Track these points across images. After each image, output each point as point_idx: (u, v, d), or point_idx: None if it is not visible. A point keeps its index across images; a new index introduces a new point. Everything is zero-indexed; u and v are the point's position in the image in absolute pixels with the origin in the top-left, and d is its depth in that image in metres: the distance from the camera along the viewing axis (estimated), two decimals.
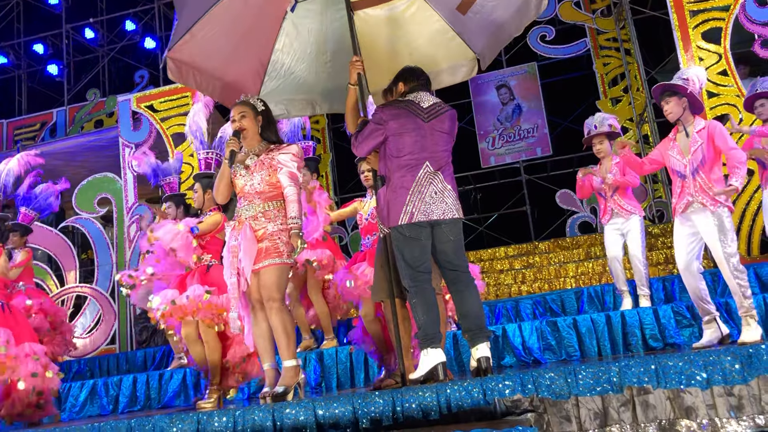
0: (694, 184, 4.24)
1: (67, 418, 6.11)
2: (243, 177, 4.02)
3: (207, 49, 4.34)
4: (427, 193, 3.67)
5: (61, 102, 12.58)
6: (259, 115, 4.10)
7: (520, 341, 5.48)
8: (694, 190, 4.23)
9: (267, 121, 4.13)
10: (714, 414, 2.98)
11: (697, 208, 4.22)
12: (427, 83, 3.94)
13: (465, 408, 3.18)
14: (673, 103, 4.36)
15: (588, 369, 3.13)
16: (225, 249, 4.05)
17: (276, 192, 4.00)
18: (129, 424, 3.57)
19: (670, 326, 5.17)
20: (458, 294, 3.68)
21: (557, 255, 9.12)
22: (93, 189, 8.99)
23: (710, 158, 4.24)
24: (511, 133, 12.30)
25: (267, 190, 3.98)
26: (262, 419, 3.39)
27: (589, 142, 6.04)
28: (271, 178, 3.98)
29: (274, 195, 4.00)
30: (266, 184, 3.98)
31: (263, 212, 3.95)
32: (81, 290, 8.76)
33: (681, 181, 4.32)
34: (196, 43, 4.27)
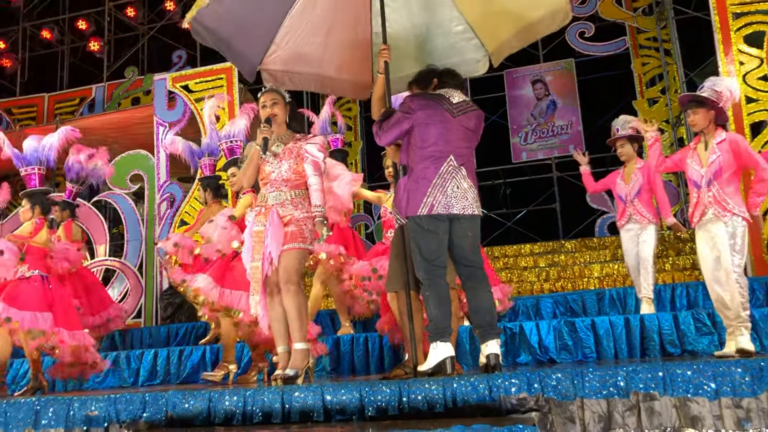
0: (708, 195, 4.24)
1: (90, 386, 6.28)
2: (271, 164, 4.09)
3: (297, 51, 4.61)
4: (449, 186, 3.68)
5: (101, 78, 12.81)
6: (287, 104, 4.20)
7: (536, 340, 5.47)
8: (707, 200, 4.23)
9: (293, 111, 4.25)
10: (721, 425, 2.96)
11: (712, 218, 4.22)
12: (461, 85, 3.95)
13: (470, 403, 3.20)
14: (700, 115, 4.35)
15: (595, 372, 3.13)
16: (246, 233, 4.12)
17: (302, 180, 4.08)
18: (143, 397, 3.66)
19: (690, 333, 5.11)
20: (471, 290, 3.70)
21: (583, 255, 9.05)
22: (126, 165, 9.17)
23: (727, 170, 4.25)
24: (545, 129, 12.21)
25: (294, 178, 4.06)
26: (271, 401, 3.46)
27: (613, 144, 6.00)
28: (298, 166, 4.07)
29: (300, 183, 4.08)
30: (293, 172, 4.06)
31: (290, 199, 4.03)
32: (110, 264, 8.96)
33: (697, 191, 4.33)
34: (285, 51, 4.58)
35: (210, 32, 4.34)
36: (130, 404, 3.65)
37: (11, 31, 13.52)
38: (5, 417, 3.83)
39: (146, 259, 8.76)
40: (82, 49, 13.55)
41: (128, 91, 12.25)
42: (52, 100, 12.61)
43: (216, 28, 4.35)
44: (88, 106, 12.39)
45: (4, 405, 3.88)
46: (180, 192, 8.85)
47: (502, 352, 5.27)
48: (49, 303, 5.22)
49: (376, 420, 3.26)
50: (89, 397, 3.83)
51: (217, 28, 4.35)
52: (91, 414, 3.69)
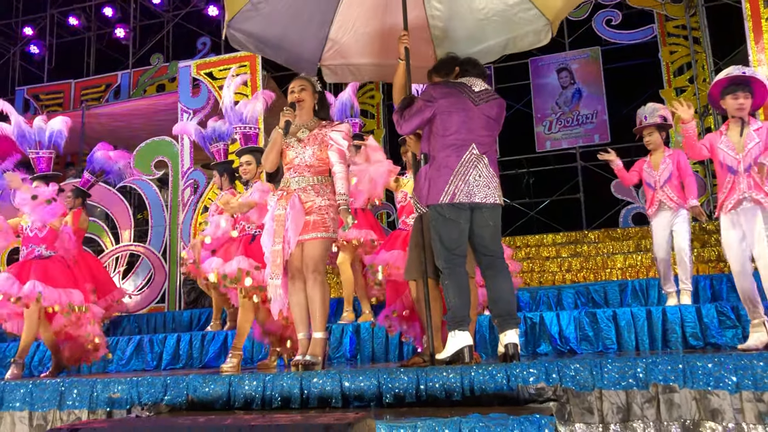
0: (748, 181, 4.14)
1: (114, 369, 6.38)
2: (294, 149, 4.12)
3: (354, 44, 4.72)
4: (471, 175, 3.66)
5: (126, 65, 12.93)
6: (316, 93, 4.23)
7: (557, 330, 5.44)
8: (746, 186, 4.13)
9: (321, 101, 4.28)
10: (741, 419, 2.92)
11: (748, 207, 4.13)
12: (483, 74, 3.92)
13: (488, 392, 3.21)
14: (750, 100, 4.24)
15: (614, 363, 3.11)
16: (268, 217, 4.15)
17: (325, 167, 4.11)
18: (165, 381, 3.72)
19: (713, 326, 5.05)
20: (491, 279, 3.69)
21: (606, 245, 8.96)
22: (151, 152, 9.25)
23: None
24: (570, 117, 12.08)
25: (317, 164, 4.08)
26: (290, 386, 3.49)
27: (640, 132, 5.91)
28: (322, 153, 4.09)
29: (324, 170, 4.11)
30: (317, 158, 4.08)
31: (312, 186, 4.05)
32: (134, 249, 9.07)
33: (732, 177, 4.21)
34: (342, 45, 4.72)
35: (252, 38, 4.42)
36: (151, 387, 3.71)
37: (39, 18, 13.68)
38: (32, 397, 3.92)
39: (170, 245, 8.85)
40: (108, 35, 13.68)
41: (153, 78, 12.35)
42: (79, 86, 12.75)
43: (260, 32, 4.42)
44: (114, 92, 12.51)
45: (31, 386, 3.96)
46: (204, 178, 8.91)
47: (522, 342, 5.31)
48: (75, 281, 5.36)
49: (394, 407, 3.28)
50: (112, 379, 3.90)
51: (261, 32, 4.42)
52: (114, 396, 3.76)
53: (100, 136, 11.57)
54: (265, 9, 4.27)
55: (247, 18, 4.28)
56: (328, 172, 4.11)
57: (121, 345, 6.56)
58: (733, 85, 4.26)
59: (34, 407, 3.91)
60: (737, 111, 4.25)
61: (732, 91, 4.25)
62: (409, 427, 2.72)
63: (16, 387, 3.98)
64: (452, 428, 2.68)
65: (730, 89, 4.26)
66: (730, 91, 4.26)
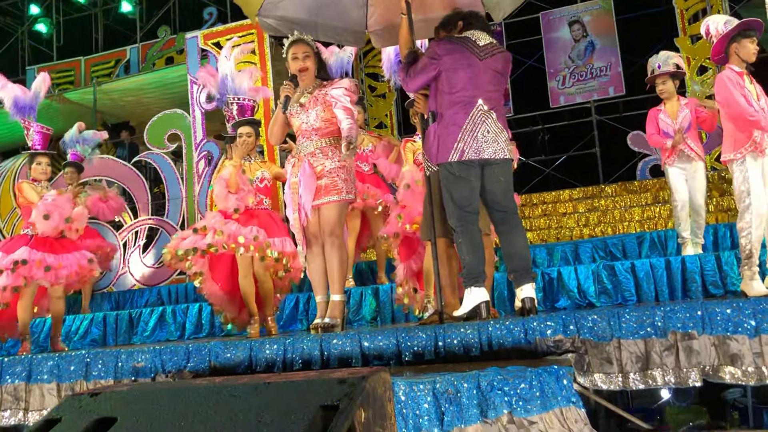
0: None
1: (138, 341, 6.50)
2: (298, 115, 4.09)
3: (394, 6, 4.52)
4: (479, 131, 3.63)
5: (134, 39, 12.88)
6: (315, 55, 4.15)
7: (575, 284, 5.43)
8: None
9: (320, 61, 4.21)
10: (761, 362, 2.92)
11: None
12: (486, 27, 3.86)
13: (506, 346, 3.22)
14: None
15: (632, 312, 3.10)
16: (286, 186, 4.18)
17: (333, 128, 4.06)
18: (187, 348, 3.78)
19: (733, 273, 5.01)
20: (505, 235, 3.68)
21: (624, 199, 8.89)
22: (163, 125, 9.25)
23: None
24: (583, 71, 11.88)
25: (323, 126, 4.05)
26: (310, 348, 3.53)
27: (653, 81, 5.79)
28: (326, 113, 4.04)
29: (331, 131, 4.06)
30: (322, 120, 4.04)
31: (320, 149, 4.03)
32: (153, 222, 9.14)
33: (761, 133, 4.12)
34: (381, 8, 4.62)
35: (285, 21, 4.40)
36: (174, 355, 3.78)
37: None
38: (59, 369, 4.01)
39: (187, 217, 8.91)
40: (114, 10, 13.61)
41: (161, 51, 12.29)
42: (89, 63, 12.74)
43: (292, 15, 4.41)
44: (124, 67, 12.48)
45: (57, 358, 4.05)
46: (217, 150, 8.91)
47: (540, 298, 5.31)
48: None
49: (413, 365, 3.31)
50: (135, 349, 3.98)
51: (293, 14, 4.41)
52: (138, 365, 3.83)
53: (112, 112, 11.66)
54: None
55: (275, 4, 4.27)
56: (337, 133, 4.05)
57: (144, 317, 6.66)
58: (749, 29, 4.16)
59: (61, 379, 4.00)
60: (753, 56, 4.17)
61: (751, 35, 4.15)
62: (428, 382, 2.74)
63: (43, 360, 4.07)
64: (471, 382, 2.70)
65: (748, 32, 4.16)
66: (749, 35, 4.15)
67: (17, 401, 3.98)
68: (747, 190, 4.18)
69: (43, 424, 1.55)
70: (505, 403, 2.66)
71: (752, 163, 4.19)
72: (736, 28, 4.19)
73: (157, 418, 1.47)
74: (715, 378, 2.95)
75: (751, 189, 4.16)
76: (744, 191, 4.21)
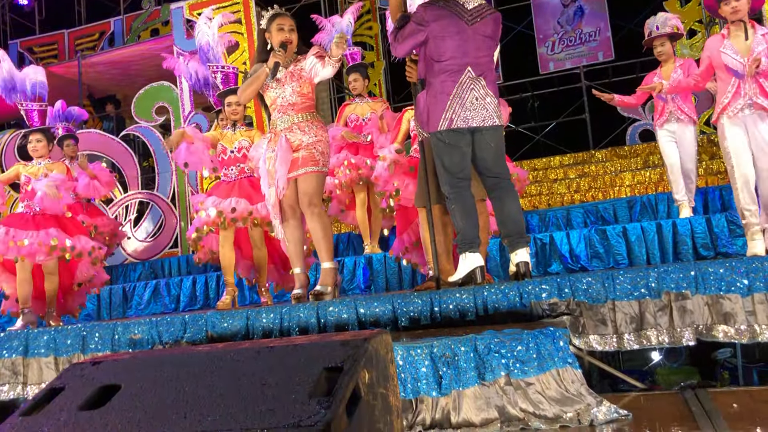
0: (754, 86, 4.04)
1: (133, 314, 6.51)
2: (274, 89, 4.08)
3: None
4: (467, 99, 3.61)
5: (118, 11, 12.66)
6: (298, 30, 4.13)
7: (567, 249, 5.47)
8: (753, 92, 4.03)
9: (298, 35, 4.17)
10: (753, 320, 2.95)
11: (752, 113, 4.03)
12: None
13: (501, 310, 3.25)
14: (744, 1, 4.11)
15: (626, 274, 3.13)
16: (260, 160, 4.16)
17: (309, 103, 4.08)
18: (183, 319, 3.79)
19: (723, 235, 5.07)
20: (498, 200, 3.68)
21: (614, 164, 8.92)
22: (150, 98, 9.15)
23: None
24: (572, 36, 11.82)
25: (300, 101, 4.05)
26: (307, 316, 3.55)
27: (650, 43, 5.75)
28: (302, 88, 4.05)
29: (308, 106, 4.08)
30: (298, 95, 4.05)
31: (297, 124, 4.04)
32: (143, 196, 9.10)
33: (737, 80, 4.10)
34: None
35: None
36: (171, 326, 3.79)
37: None
38: (55, 343, 4.01)
39: (178, 190, 8.87)
40: None
41: (146, 23, 12.10)
42: (72, 36, 12.52)
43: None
44: (108, 40, 12.29)
45: (53, 332, 4.05)
46: (205, 122, 8.84)
47: (533, 263, 5.34)
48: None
49: (409, 330, 3.33)
50: (132, 321, 3.98)
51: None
52: (135, 337, 3.84)
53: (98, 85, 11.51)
54: None
55: None
56: (314, 108, 4.09)
57: (138, 290, 6.67)
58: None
59: (58, 353, 4.00)
60: (732, 15, 4.13)
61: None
62: (425, 346, 2.77)
63: (39, 334, 4.07)
64: (468, 345, 2.73)
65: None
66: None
67: (15, 375, 3.99)
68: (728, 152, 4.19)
69: (46, 393, 1.55)
70: (503, 366, 2.69)
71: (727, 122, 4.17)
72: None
73: (160, 384, 1.47)
74: (708, 337, 2.99)
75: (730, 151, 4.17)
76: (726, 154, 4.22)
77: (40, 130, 5.46)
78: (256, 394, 1.37)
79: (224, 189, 5.07)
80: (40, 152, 5.41)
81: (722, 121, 4.16)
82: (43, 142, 5.40)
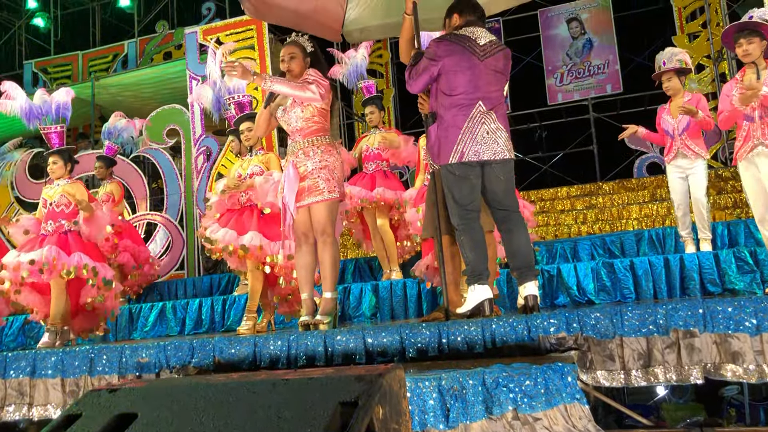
0: (762, 128, 4.09)
1: (139, 336, 6.51)
2: (283, 118, 4.17)
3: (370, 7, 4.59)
4: (478, 132, 3.65)
5: (132, 34, 12.86)
6: (308, 56, 4.18)
7: (574, 281, 5.47)
8: (761, 133, 4.08)
9: (315, 61, 4.20)
10: (762, 360, 2.95)
11: (761, 152, 4.08)
12: (482, 17, 3.87)
13: (509, 343, 3.25)
14: (755, 44, 4.19)
15: (634, 310, 3.13)
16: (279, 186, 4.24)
17: (315, 126, 4.11)
18: (191, 344, 3.80)
19: (731, 271, 5.06)
20: (507, 233, 3.71)
21: (621, 196, 8.94)
22: (162, 120, 9.25)
23: None
24: (581, 69, 11.94)
25: (305, 126, 4.10)
26: (314, 344, 3.55)
27: (659, 78, 5.82)
28: (305, 113, 4.09)
29: (313, 130, 4.11)
30: (302, 120, 4.10)
31: (303, 149, 4.10)
32: (152, 218, 9.15)
33: (748, 124, 4.16)
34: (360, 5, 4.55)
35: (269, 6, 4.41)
36: (179, 351, 3.80)
37: None
38: (63, 364, 4.02)
39: (186, 212, 8.92)
40: (112, 5, 13.58)
41: (160, 46, 12.28)
42: (86, 57, 12.72)
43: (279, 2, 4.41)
44: (122, 62, 12.47)
45: (61, 353, 4.06)
46: (216, 145, 8.92)
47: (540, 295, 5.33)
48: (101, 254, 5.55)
49: (417, 361, 3.34)
50: (140, 345, 3.99)
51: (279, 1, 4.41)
52: (143, 360, 3.85)
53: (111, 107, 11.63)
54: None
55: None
56: (323, 131, 4.12)
57: (144, 312, 6.68)
58: (738, 33, 4.22)
59: (65, 374, 4.01)
60: (744, 57, 4.24)
61: (737, 39, 4.23)
62: (434, 378, 2.77)
63: (47, 355, 4.08)
64: (476, 378, 2.73)
65: (735, 37, 4.24)
66: (735, 39, 4.24)
67: (21, 396, 4.00)
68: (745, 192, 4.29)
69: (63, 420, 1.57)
70: (510, 400, 2.69)
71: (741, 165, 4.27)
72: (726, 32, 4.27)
73: (177, 413, 1.49)
74: (716, 376, 2.98)
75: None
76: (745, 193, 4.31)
77: (57, 152, 5.55)
78: (273, 428, 1.38)
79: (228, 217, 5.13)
80: (58, 173, 5.50)
81: (739, 163, 4.27)
82: (59, 164, 5.50)
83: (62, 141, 5.67)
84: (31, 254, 5.10)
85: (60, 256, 5.12)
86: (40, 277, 5.11)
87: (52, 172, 5.51)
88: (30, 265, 5.04)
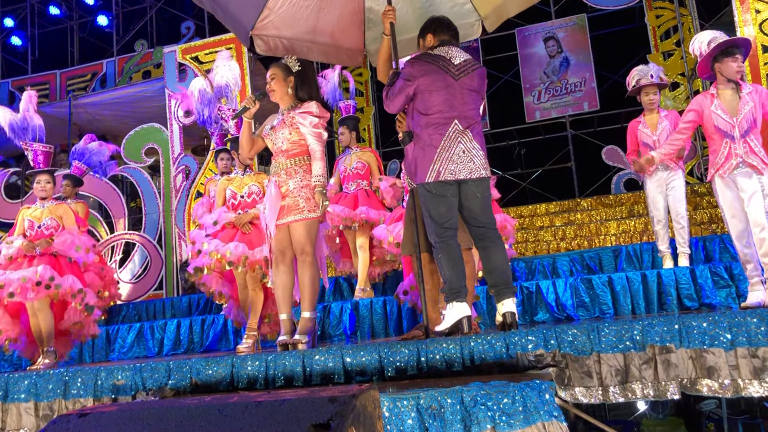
0: (743, 146, 4.14)
1: (116, 357, 6.42)
2: (270, 138, 4.17)
3: (291, 17, 4.49)
4: (455, 152, 3.67)
5: (111, 53, 12.80)
6: (290, 76, 4.18)
7: (553, 298, 5.49)
8: (743, 151, 4.13)
9: (302, 80, 4.19)
10: (737, 375, 2.97)
11: (744, 171, 4.12)
12: (456, 36, 3.91)
13: (488, 361, 3.25)
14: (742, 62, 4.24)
15: (611, 327, 3.15)
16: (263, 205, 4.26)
17: (299, 149, 4.12)
18: (168, 365, 3.75)
19: (707, 286, 5.11)
20: (485, 250, 3.72)
21: (599, 212, 9.02)
22: (140, 139, 9.22)
23: (758, 121, 4.16)
24: (558, 86, 12.07)
25: (291, 147, 4.12)
26: (292, 365, 3.53)
27: (637, 92, 5.87)
28: (292, 136, 4.10)
29: (298, 152, 4.13)
30: (289, 142, 4.11)
31: (285, 169, 4.10)
32: (130, 237, 9.07)
33: (729, 141, 4.20)
34: (278, 16, 4.46)
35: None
36: (155, 372, 3.75)
37: (19, 8, 13.51)
38: (36, 388, 3.95)
39: (165, 232, 8.86)
40: (90, 23, 13.53)
41: (138, 65, 12.24)
42: (64, 76, 12.64)
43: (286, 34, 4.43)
44: (100, 81, 12.41)
45: (34, 377, 3.99)
46: (194, 164, 8.90)
47: (520, 312, 5.37)
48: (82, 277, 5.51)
49: (396, 380, 3.32)
50: (116, 366, 3.93)
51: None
52: (118, 383, 3.79)
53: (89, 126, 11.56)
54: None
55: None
56: (305, 153, 4.12)
57: (121, 333, 6.60)
58: (733, 47, 4.25)
59: (39, 398, 3.94)
60: (736, 74, 4.24)
61: (733, 53, 4.24)
62: (412, 398, 2.76)
63: (19, 378, 4.00)
64: (454, 397, 2.72)
65: (730, 50, 4.25)
66: (731, 53, 4.23)
67: None
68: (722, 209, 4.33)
69: None
70: (489, 418, 2.68)
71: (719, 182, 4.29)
72: (716, 48, 4.28)
73: None
74: (692, 391, 3.00)
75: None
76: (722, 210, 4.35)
77: (48, 171, 5.52)
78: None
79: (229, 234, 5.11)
80: (47, 193, 5.47)
81: (716, 179, 4.27)
82: (51, 184, 5.50)
83: (48, 162, 5.63)
84: (21, 272, 5.06)
85: (56, 277, 5.11)
86: (26, 297, 5.05)
87: (42, 191, 5.46)
88: (21, 282, 5.00)
